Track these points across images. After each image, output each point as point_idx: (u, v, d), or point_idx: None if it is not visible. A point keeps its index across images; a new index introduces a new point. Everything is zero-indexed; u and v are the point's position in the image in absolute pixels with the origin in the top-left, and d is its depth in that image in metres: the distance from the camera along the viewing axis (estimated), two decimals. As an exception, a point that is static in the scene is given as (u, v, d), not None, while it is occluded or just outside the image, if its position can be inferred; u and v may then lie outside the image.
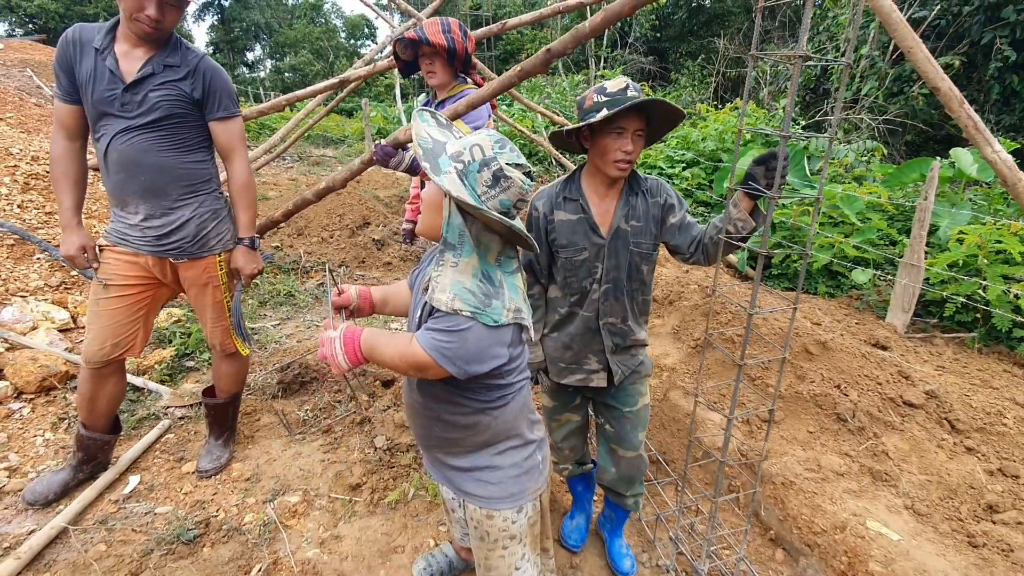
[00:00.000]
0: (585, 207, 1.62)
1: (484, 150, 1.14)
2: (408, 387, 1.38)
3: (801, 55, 1.30)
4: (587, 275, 1.66)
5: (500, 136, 1.18)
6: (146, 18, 1.75)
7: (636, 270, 1.65)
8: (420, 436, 1.39)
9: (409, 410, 1.39)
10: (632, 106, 1.45)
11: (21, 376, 2.71)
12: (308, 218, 5.77)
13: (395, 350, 1.18)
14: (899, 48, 1.35)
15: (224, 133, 2.00)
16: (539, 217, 1.67)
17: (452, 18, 2.20)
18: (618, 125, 1.49)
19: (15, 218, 3.94)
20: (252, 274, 2.13)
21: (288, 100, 4.14)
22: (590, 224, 1.62)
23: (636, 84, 1.52)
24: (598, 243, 1.62)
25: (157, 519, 2.06)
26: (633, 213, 1.62)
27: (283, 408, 2.79)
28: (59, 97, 1.88)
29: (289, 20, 39.97)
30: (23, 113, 6.82)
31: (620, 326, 1.71)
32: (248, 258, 2.11)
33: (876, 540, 2.03)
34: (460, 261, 1.17)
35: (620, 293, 1.67)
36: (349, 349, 1.20)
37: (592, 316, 1.69)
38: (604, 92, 1.50)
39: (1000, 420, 2.66)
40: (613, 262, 1.63)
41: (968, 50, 8.29)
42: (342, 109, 18.96)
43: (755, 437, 2.68)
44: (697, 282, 4.07)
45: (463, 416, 1.28)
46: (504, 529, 1.35)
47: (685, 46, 17.18)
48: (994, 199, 4.62)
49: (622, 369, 1.74)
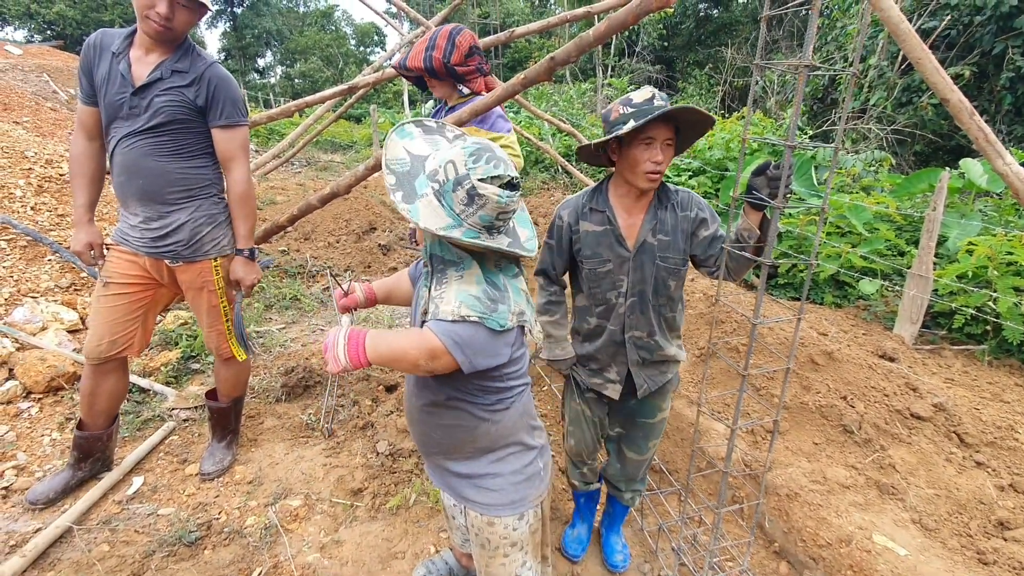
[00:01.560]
0: (612, 219, 1.60)
1: (457, 167, 1.10)
2: (409, 393, 1.38)
3: (806, 64, 1.29)
4: (611, 287, 1.64)
5: (479, 146, 1.13)
6: (156, 15, 1.78)
7: (663, 285, 1.62)
8: (421, 442, 1.39)
9: (410, 416, 1.39)
10: (660, 115, 1.43)
11: (30, 376, 2.73)
12: (315, 223, 5.80)
13: (405, 338, 1.16)
14: (908, 59, 1.35)
15: (225, 141, 2.01)
16: (563, 226, 1.67)
17: (452, 25, 2.15)
18: (647, 135, 1.48)
19: (28, 220, 3.99)
20: (251, 284, 2.14)
21: (298, 106, 4.19)
22: (616, 236, 1.60)
23: (663, 94, 1.50)
24: (623, 256, 1.60)
25: (160, 520, 2.07)
26: (661, 227, 1.59)
27: (286, 411, 2.80)
28: (80, 99, 1.95)
29: (300, 27, 40.46)
30: (39, 117, 6.94)
31: (646, 340, 1.68)
32: (247, 269, 2.12)
33: (883, 554, 2.00)
34: (464, 273, 1.16)
35: (646, 307, 1.64)
36: (352, 345, 1.15)
37: (618, 329, 1.67)
38: (630, 104, 1.48)
39: (1011, 435, 2.62)
40: (639, 275, 1.61)
41: (979, 60, 8.25)
42: (351, 115, 19.12)
43: (760, 448, 2.65)
44: (703, 291, 4.05)
45: (464, 421, 1.27)
46: (505, 536, 1.34)
47: (692, 55, 17.23)
48: (1005, 210, 4.58)
49: (648, 384, 1.72)
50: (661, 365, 1.74)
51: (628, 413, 1.83)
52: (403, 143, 1.18)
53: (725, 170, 6.59)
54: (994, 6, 7.57)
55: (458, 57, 2.08)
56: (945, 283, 3.68)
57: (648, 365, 1.72)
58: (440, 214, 1.11)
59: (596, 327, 1.71)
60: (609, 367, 1.73)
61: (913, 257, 3.79)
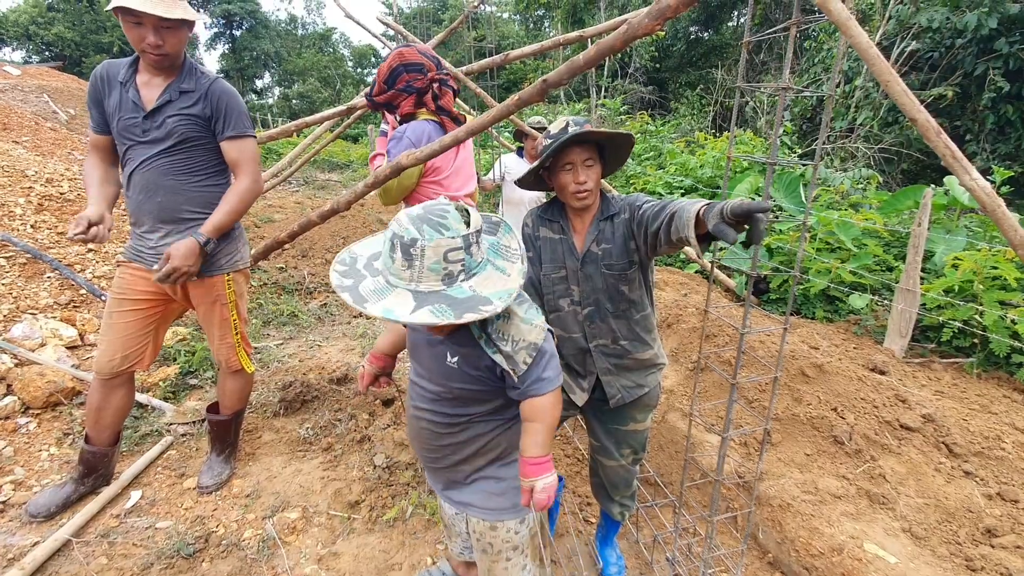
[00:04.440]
0: (565, 228, 1.68)
1: (452, 246, 1.06)
2: (422, 417, 1.35)
3: (784, 87, 1.38)
4: (563, 294, 1.69)
5: (419, 227, 1.06)
6: (149, 46, 1.86)
7: (616, 291, 1.65)
8: (431, 459, 1.38)
9: (420, 438, 1.37)
10: (572, 140, 1.50)
11: (29, 391, 2.75)
12: (312, 240, 5.86)
13: (547, 424, 1.22)
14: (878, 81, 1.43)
15: (234, 151, 2.06)
16: (529, 233, 1.74)
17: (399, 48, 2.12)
18: (565, 161, 1.56)
19: (28, 237, 4.03)
20: (176, 267, 1.89)
21: (296, 126, 4.28)
22: (569, 245, 1.67)
23: (580, 119, 1.55)
24: (572, 265, 1.67)
25: (158, 533, 2.08)
26: (602, 236, 1.64)
27: (283, 425, 2.82)
28: (92, 128, 2.03)
29: (298, 49, 41.03)
30: (39, 137, 7.01)
31: (613, 346, 1.70)
32: (187, 252, 1.91)
33: (873, 563, 2.03)
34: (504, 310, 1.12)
35: (605, 315, 1.67)
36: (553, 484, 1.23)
37: (580, 337, 1.71)
38: (549, 135, 1.57)
39: (999, 444, 2.66)
40: (589, 285, 1.65)
41: (962, 81, 8.48)
42: (348, 135, 19.35)
43: (752, 459, 2.69)
44: (695, 305, 4.11)
45: (483, 434, 1.31)
46: (508, 540, 1.37)
47: (684, 76, 17.57)
48: (989, 226, 4.68)
49: (622, 393, 1.72)
50: (637, 373, 1.73)
51: (600, 419, 1.84)
52: (398, 314, 1.04)
53: (716, 187, 6.72)
54: (974, 29, 7.81)
55: (378, 88, 2.10)
56: (933, 297, 3.76)
57: (621, 372, 1.71)
58: (490, 273, 1.12)
59: (558, 336, 1.72)
60: (579, 374, 1.76)
61: (901, 272, 3.87)
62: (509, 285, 1.09)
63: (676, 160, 7.77)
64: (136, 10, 1.77)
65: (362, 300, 1.07)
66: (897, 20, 8.65)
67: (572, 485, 2.52)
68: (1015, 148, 8.39)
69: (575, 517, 2.34)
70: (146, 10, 1.78)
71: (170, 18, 1.83)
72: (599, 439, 1.86)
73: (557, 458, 2.67)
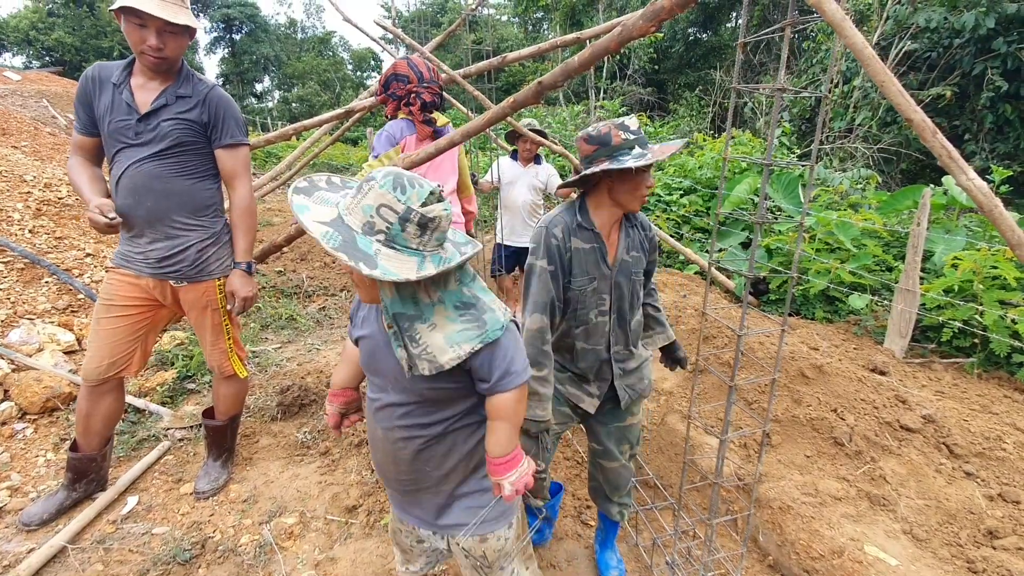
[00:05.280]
0: (598, 237, 1.64)
1: (392, 206, 1.03)
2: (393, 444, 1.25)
3: (779, 88, 1.37)
4: (595, 306, 1.67)
5: (391, 176, 1.05)
6: (149, 48, 1.85)
7: (636, 297, 1.71)
8: (408, 484, 1.29)
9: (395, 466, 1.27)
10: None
11: (26, 397, 2.74)
12: (311, 243, 5.86)
13: (514, 422, 1.20)
14: (873, 81, 1.43)
15: (229, 160, 2.08)
16: (559, 244, 1.61)
17: (397, 60, 2.44)
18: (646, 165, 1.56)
19: (26, 242, 4.03)
20: (246, 298, 2.14)
21: (295, 129, 4.28)
22: (602, 254, 1.64)
23: (633, 120, 1.59)
24: (606, 274, 1.66)
25: (154, 539, 2.07)
26: (632, 244, 1.68)
27: (281, 430, 2.81)
28: (78, 129, 2.00)
29: (298, 53, 41.16)
30: (37, 142, 7.02)
31: (624, 351, 1.75)
32: (243, 282, 2.14)
33: (874, 565, 2.02)
34: (431, 320, 1.10)
35: (624, 321, 1.71)
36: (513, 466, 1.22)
37: (603, 348, 1.71)
38: (628, 130, 1.53)
39: (1000, 445, 2.65)
40: (619, 292, 1.67)
41: (960, 81, 8.48)
42: (347, 138, 19.37)
43: (752, 461, 2.67)
44: (694, 307, 4.10)
45: (460, 443, 1.26)
46: (498, 549, 1.35)
47: (683, 78, 17.60)
48: (989, 225, 4.67)
49: (629, 394, 1.77)
50: (639, 371, 1.80)
51: (602, 422, 1.85)
52: (305, 219, 1.06)
53: (715, 188, 6.71)
54: (972, 29, 7.82)
55: (379, 90, 2.45)
56: (932, 297, 3.74)
57: (629, 373, 1.77)
58: (404, 259, 1.04)
59: (581, 349, 1.72)
60: (591, 381, 1.76)
61: (900, 272, 3.86)
62: (401, 272, 1.02)
63: (675, 161, 7.76)
64: (142, 12, 1.77)
65: (303, 196, 1.12)
66: (895, 20, 8.67)
67: (571, 488, 2.50)
68: (1014, 147, 8.39)
69: (574, 520, 2.33)
70: (153, 12, 1.78)
71: (175, 23, 1.84)
72: (601, 442, 1.87)
73: (556, 462, 2.66)
